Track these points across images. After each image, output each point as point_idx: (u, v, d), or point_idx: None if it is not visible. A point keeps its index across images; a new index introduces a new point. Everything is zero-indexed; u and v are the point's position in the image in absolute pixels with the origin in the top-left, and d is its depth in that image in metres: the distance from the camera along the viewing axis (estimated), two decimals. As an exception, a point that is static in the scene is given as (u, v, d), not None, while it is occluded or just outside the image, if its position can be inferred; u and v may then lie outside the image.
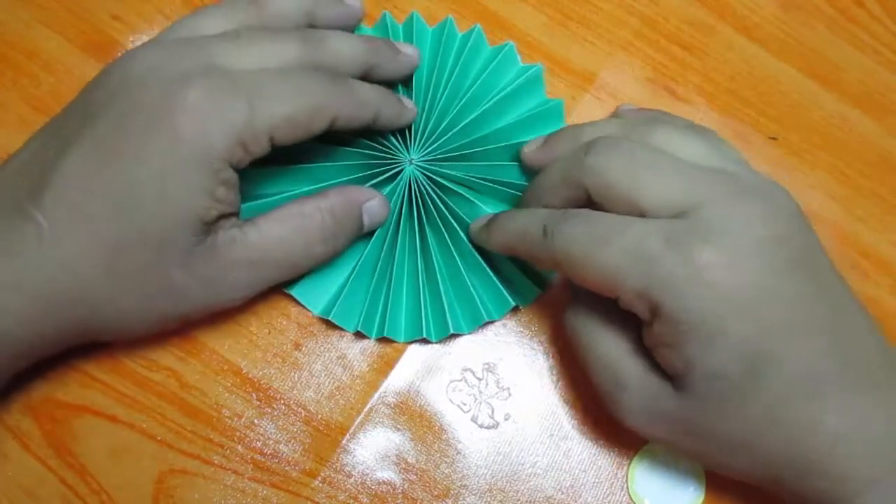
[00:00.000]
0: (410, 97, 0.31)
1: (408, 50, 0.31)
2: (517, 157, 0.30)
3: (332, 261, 0.30)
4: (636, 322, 0.25)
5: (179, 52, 0.25)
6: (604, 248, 0.23)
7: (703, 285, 0.22)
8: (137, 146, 0.24)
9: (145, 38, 0.33)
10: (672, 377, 0.24)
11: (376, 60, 0.29)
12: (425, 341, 0.30)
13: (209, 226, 0.25)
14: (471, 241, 0.30)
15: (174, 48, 0.26)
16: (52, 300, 0.24)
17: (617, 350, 0.26)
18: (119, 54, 0.33)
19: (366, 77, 0.29)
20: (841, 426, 0.23)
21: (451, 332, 0.29)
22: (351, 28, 0.32)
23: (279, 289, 0.29)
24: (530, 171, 0.30)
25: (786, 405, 0.23)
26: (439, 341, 0.30)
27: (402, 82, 0.32)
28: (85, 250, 0.24)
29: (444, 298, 0.29)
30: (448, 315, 0.29)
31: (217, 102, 0.24)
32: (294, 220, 0.27)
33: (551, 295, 0.31)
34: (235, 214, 0.27)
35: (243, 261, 0.26)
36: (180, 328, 0.29)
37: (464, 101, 0.31)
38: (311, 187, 0.29)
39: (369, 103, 0.28)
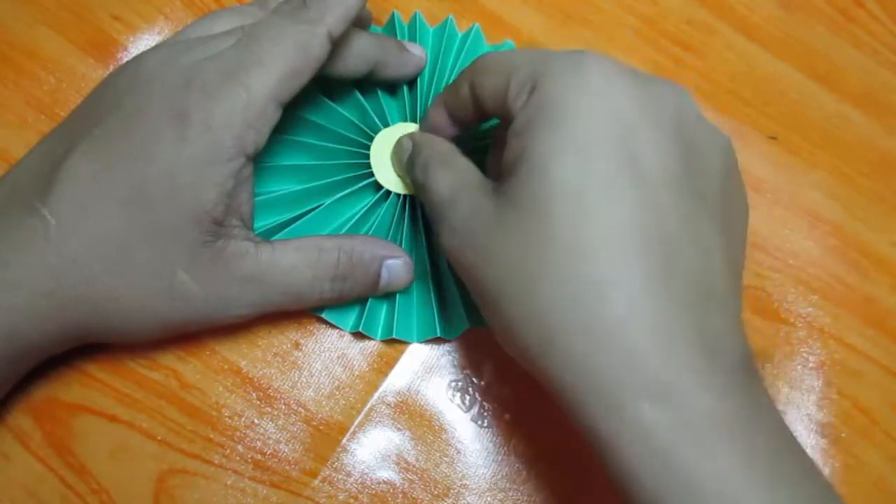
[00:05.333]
0: (414, 98, 0.31)
1: (415, 50, 0.31)
2: None
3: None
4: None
5: (185, 52, 0.26)
6: None
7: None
8: (145, 144, 0.24)
9: (145, 38, 0.33)
10: (505, 174, 0.23)
11: (383, 57, 0.29)
12: (441, 340, 0.30)
13: (219, 227, 0.25)
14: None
15: (179, 48, 0.26)
16: (58, 297, 0.24)
17: (459, 174, 0.25)
18: (119, 54, 0.33)
19: (372, 74, 0.29)
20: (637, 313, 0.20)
21: (468, 327, 0.29)
22: None
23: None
24: None
25: (581, 257, 0.20)
26: (443, 340, 0.30)
27: (406, 83, 0.32)
28: (91, 247, 0.24)
29: (457, 293, 0.29)
30: (464, 310, 0.29)
31: (216, 95, 0.24)
32: (310, 251, 0.27)
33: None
34: (248, 220, 0.27)
35: (249, 277, 0.26)
36: (180, 336, 0.29)
37: None
38: (305, 186, 0.29)
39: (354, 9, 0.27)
